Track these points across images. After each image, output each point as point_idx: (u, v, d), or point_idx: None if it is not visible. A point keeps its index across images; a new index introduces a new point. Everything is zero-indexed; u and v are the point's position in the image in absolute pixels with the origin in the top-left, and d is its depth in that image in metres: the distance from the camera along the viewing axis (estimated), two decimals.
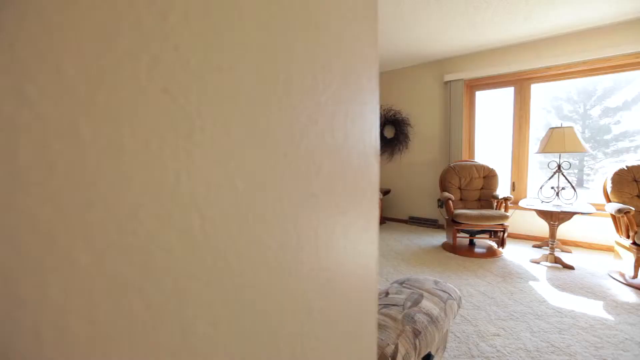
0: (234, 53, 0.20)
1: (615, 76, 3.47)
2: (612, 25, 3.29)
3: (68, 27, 0.14)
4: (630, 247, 2.58)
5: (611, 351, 1.76)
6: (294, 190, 0.25)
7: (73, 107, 0.14)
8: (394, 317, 1.09)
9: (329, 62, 0.27)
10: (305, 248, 0.26)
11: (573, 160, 4.25)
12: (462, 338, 1.92)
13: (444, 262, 3.19)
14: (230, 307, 0.20)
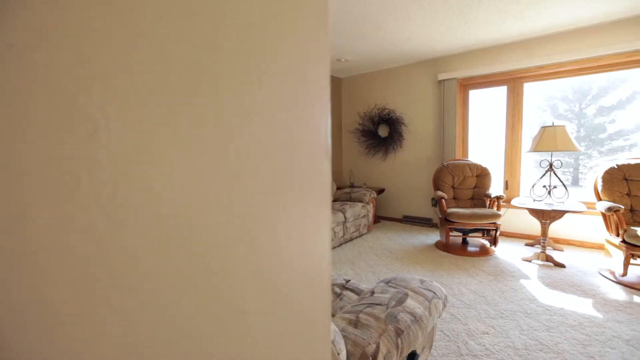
0: (148, 50, 0.20)
1: (610, 75, 3.49)
2: (603, 24, 3.31)
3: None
4: (619, 245, 2.60)
5: (598, 349, 1.77)
6: (224, 192, 0.25)
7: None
8: (377, 316, 1.09)
9: (266, 60, 0.27)
10: (239, 249, 0.26)
11: (569, 159, 4.28)
12: (452, 337, 1.92)
13: (436, 261, 3.20)
14: (145, 310, 0.20)
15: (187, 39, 0.22)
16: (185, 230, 0.22)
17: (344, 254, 3.46)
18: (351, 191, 4.43)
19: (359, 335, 1.00)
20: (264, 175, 0.28)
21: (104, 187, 0.18)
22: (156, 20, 0.20)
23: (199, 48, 0.22)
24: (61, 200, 0.17)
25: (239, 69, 0.25)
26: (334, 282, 1.63)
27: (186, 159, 0.22)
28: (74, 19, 0.17)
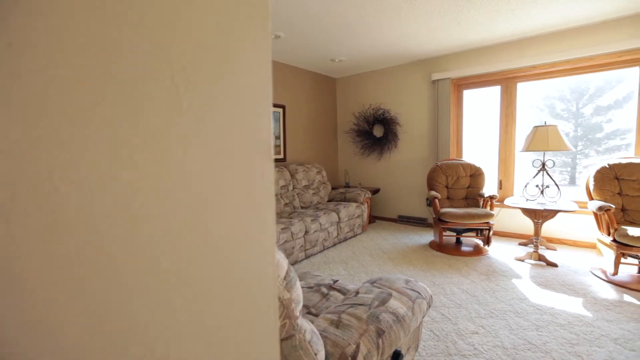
0: (50, 52, 0.20)
1: (606, 75, 3.49)
2: (594, 24, 3.32)
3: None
4: (610, 244, 2.61)
5: (586, 348, 1.78)
6: (142, 197, 0.24)
7: None
8: (358, 316, 1.09)
9: (193, 62, 0.27)
10: (166, 252, 0.26)
11: (566, 159, 4.29)
12: (441, 336, 1.93)
13: (429, 261, 3.20)
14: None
15: (96, 41, 0.22)
16: (90, 231, 0.22)
17: (338, 254, 3.46)
18: (346, 191, 4.43)
19: (340, 336, 1.00)
20: (190, 177, 0.28)
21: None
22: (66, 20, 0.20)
23: (109, 50, 0.22)
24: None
25: (159, 71, 0.25)
26: (321, 282, 1.63)
27: (90, 161, 0.22)
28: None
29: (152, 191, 0.25)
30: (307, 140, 5.01)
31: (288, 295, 0.79)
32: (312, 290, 1.55)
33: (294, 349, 0.81)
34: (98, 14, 0.22)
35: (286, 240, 3.06)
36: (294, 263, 3.21)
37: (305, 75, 4.93)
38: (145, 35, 0.24)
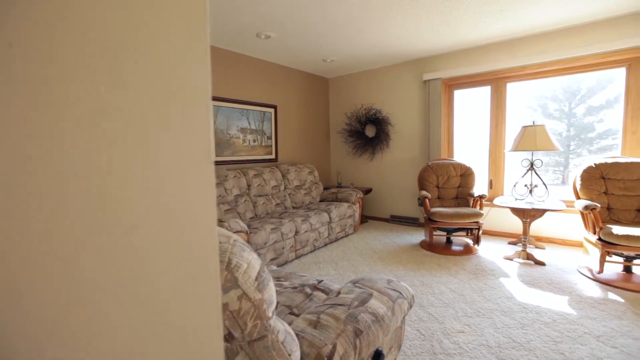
0: None
1: (598, 75, 3.52)
2: (582, 25, 3.36)
3: None
4: (596, 242, 2.64)
5: (569, 345, 1.80)
6: (67, 199, 0.24)
7: None
8: (337, 316, 1.09)
9: (119, 64, 0.26)
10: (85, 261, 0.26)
11: (559, 158, 4.33)
12: (427, 336, 1.93)
13: (419, 260, 3.21)
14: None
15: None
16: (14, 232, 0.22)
17: (328, 255, 3.46)
18: (338, 191, 4.43)
19: (317, 336, 1.00)
20: (116, 185, 0.27)
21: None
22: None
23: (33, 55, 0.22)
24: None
25: (79, 73, 0.25)
26: (306, 282, 1.63)
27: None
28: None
29: (72, 203, 0.25)
30: (299, 140, 5.01)
31: (259, 296, 0.79)
32: (296, 291, 1.55)
33: (266, 349, 0.81)
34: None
35: (276, 241, 3.05)
36: (284, 263, 3.21)
37: (298, 76, 4.93)
38: (60, 27, 0.24)
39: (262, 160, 4.42)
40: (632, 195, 2.84)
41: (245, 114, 4.16)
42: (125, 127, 0.27)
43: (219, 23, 3.11)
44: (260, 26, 3.23)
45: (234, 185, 3.54)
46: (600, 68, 3.42)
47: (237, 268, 0.76)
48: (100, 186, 0.26)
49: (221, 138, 3.89)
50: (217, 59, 3.78)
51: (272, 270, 1.87)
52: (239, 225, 2.74)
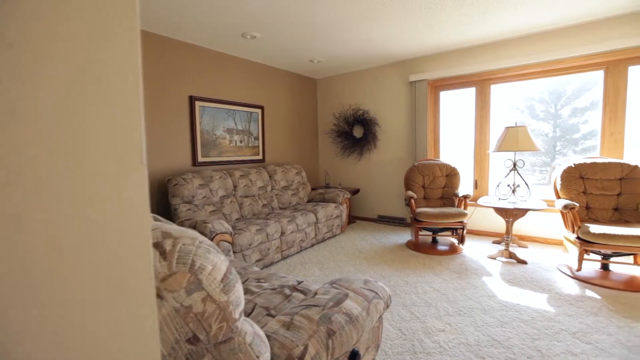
0: None
1: (583, 77, 3.59)
2: (563, 29, 3.43)
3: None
4: (574, 241, 2.69)
5: (546, 342, 1.83)
6: None
7: None
8: (310, 317, 1.09)
9: (34, 60, 0.26)
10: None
11: (545, 159, 4.41)
12: (408, 335, 1.95)
13: (405, 260, 3.24)
14: None
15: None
16: None
17: (315, 255, 3.46)
18: (325, 192, 4.43)
19: (289, 338, 1.00)
20: (27, 190, 0.26)
21: None
22: None
23: None
24: None
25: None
26: (285, 283, 1.63)
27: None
28: None
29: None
30: (287, 141, 5.00)
31: (225, 298, 0.78)
32: (276, 292, 1.54)
33: (232, 352, 0.80)
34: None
35: (261, 242, 3.03)
36: (270, 264, 3.19)
37: (285, 76, 4.91)
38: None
39: (249, 161, 4.39)
40: (609, 194, 2.91)
41: (231, 115, 4.13)
42: (39, 130, 0.27)
43: (203, 23, 3.08)
44: (246, 26, 3.21)
45: (220, 186, 3.51)
46: (580, 71, 3.50)
47: (201, 270, 0.75)
48: (10, 193, 0.25)
49: (207, 139, 3.85)
50: (202, 59, 3.74)
51: (253, 271, 1.86)
52: (222, 227, 2.71)
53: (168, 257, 0.72)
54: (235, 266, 1.95)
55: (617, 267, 2.83)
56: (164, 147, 3.42)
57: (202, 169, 3.80)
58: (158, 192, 3.36)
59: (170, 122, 3.47)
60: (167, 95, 3.43)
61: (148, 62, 3.23)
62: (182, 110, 3.58)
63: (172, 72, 3.45)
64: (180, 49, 3.52)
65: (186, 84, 3.60)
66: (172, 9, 2.79)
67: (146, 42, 3.20)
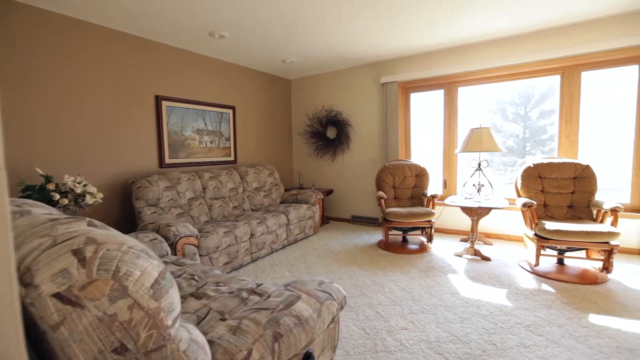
0: None
1: (549, 81, 3.72)
2: (523, 35, 3.58)
3: None
4: (533, 237, 2.81)
5: (501, 336, 1.90)
6: None
7: None
8: (258, 321, 1.07)
9: None
10: None
11: (517, 159, 4.60)
12: (372, 334, 1.96)
13: (375, 260, 3.27)
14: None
15: None
16: None
17: (285, 257, 3.44)
18: (298, 193, 4.42)
19: (233, 343, 0.98)
20: None
21: None
22: None
23: None
24: None
25: None
26: (244, 287, 1.60)
27: None
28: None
29: None
30: (260, 141, 4.95)
31: (155, 305, 0.75)
32: (233, 296, 1.51)
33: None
34: None
35: (229, 244, 2.98)
36: (239, 267, 3.14)
37: (257, 76, 4.86)
38: None
39: (221, 162, 4.31)
40: (564, 192, 3.06)
41: (201, 115, 4.04)
42: None
43: (169, 20, 3.00)
44: (213, 25, 3.15)
45: (188, 188, 3.42)
46: (539, 75, 3.67)
47: (127, 276, 0.72)
48: None
49: (175, 139, 3.75)
50: (169, 58, 3.64)
51: (214, 275, 1.82)
52: (187, 230, 2.64)
53: (88, 264, 0.68)
54: (196, 270, 1.91)
55: (571, 261, 2.98)
56: (128, 149, 3.30)
57: (170, 170, 3.69)
58: (121, 195, 3.24)
59: (136, 123, 3.35)
60: (132, 94, 3.31)
61: (112, 61, 3.11)
62: (148, 111, 3.47)
63: (137, 71, 3.33)
64: (146, 47, 3.41)
65: (152, 83, 3.49)
66: (137, 6, 2.69)
67: (109, 39, 3.08)
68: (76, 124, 2.90)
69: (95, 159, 3.05)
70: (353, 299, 2.43)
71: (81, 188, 2.33)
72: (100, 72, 3.04)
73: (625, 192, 3.32)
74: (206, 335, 1.05)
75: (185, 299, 1.53)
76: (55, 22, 2.73)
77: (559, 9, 2.99)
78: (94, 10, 2.74)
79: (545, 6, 2.91)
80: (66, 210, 2.29)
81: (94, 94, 3.01)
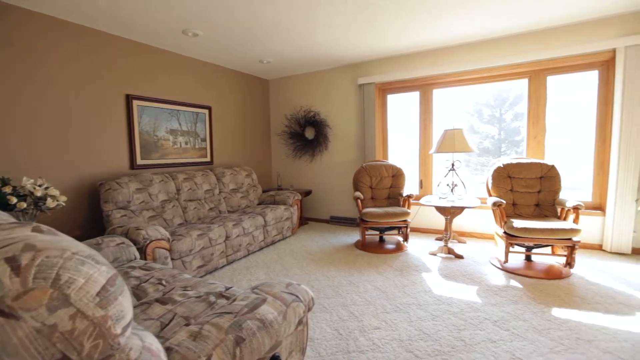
0: None
1: (522, 85, 3.83)
2: (493, 39, 3.70)
3: None
4: (502, 235, 2.91)
5: (470, 332, 1.94)
6: None
7: None
8: (220, 326, 1.05)
9: None
10: None
11: (493, 159, 4.73)
12: (344, 334, 1.97)
13: (351, 260, 3.29)
14: None
15: None
16: None
17: (262, 259, 3.40)
18: (276, 194, 4.38)
19: (192, 349, 0.95)
20: None
21: None
22: None
23: None
24: None
25: None
26: (212, 290, 1.56)
27: None
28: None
29: None
30: (237, 142, 4.87)
31: (101, 313, 0.72)
32: (200, 300, 1.48)
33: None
34: None
35: (203, 247, 2.92)
36: (214, 270, 3.08)
37: (234, 76, 4.79)
38: None
39: (196, 164, 4.22)
40: (531, 192, 3.19)
41: (175, 115, 3.94)
42: None
43: (142, 17, 2.90)
44: (186, 23, 3.08)
45: (161, 190, 3.32)
46: (509, 78, 3.80)
47: (68, 284, 0.68)
48: None
49: (147, 140, 3.63)
50: (141, 56, 3.53)
51: (183, 279, 1.77)
52: (158, 233, 2.56)
53: (22, 272, 0.64)
54: (164, 275, 1.85)
55: (538, 257, 3.10)
56: (96, 150, 3.17)
57: (141, 172, 3.58)
58: (89, 199, 3.10)
59: (105, 123, 3.22)
60: (101, 93, 3.18)
61: (79, 58, 2.97)
62: (118, 110, 3.34)
63: (107, 69, 3.21)
64: (116, 44, 3.29)
65: (123, 82, 3.37)
66: (107, 1, 2.59)
67: (76, 36, 2.94)
68: (39, 124, 2.75)
69: (60, 160, 2.91)
70: (328, 299, 2.43)
71: (42, 191, 2.21)
72: (66, 69, 2.91)
73: (587, 191, 3.49)
74: (166, 342, 1.01)
75: (150, 305, 1.48)
76: (18, 16, 2.59)
77: (528, 16, 3.11)
78: (60, 4, 2.62)
79: (514, 13, 3.02)
80: (25, 214, 2.17)
81: (59, 92, 2.88)
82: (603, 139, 3.35)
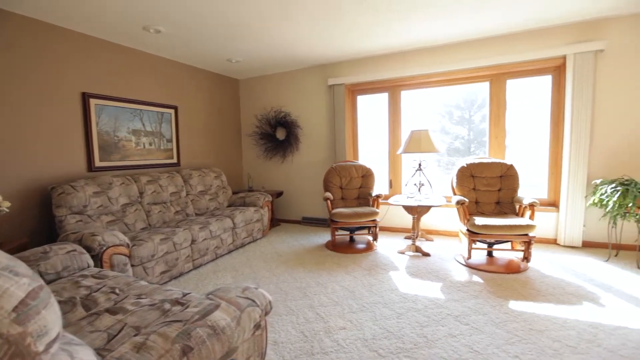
0: None
1: (487, 87, 3.95)
2: (456, 44, 3.83)
3: None
4: (465, 232, 3.01)
5: (432, 328, 1.99)
6: None
7: None
8: (167, 335, 1.00)
9: None
10: None
11: (463, 159, 4.87)
12: (310, 336, 1.95)
13: (321, 261, 3.28)
14: None
15: None
16: None
17: (231, 262, 3.32)
18: (246, 195, 4.30)
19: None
20: None
21: None
22: None
23: None
24: None
25: None
26: (168, 297, 1.50)
27: None
28: None
29: None
30: (206, 143, 4.75)
31: (19, 330, 0.66)
32: (154, 308, 1.41)
33: None
34: None
35: (167, 252, 2.80)
36: (179, 275, 2.97)
37: (202, 75, 4.67)
38: None
39: (162, 165, 4.06)
40: (492, 190, 3.32)
41: (138, 115, 3.77)
42: None
43: (98, 10, 2.75)
44: (147, 19, 2.95)
45: (122, 194, 3.17)
46: (472, 81, 3.95)
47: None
48: None
49: (106, 140, 3.45)
50: (98, 52, 3.35)
51: (138, 286, 1.69)
52: (116, 239, 2.43)
53: None
54: (118, 283, 1.75)
55: (499, 253, 3.24)
56: (48, 151, 2.97)
57: (100, 174, 3.39)
58: (40, 204, 2.90)
59: (57, 123, 3.02)
60: (53, 91, 2.98)
61: (30, 53, 2.77)
62: (73, 109, 3.15)
63: (60, 65, 3.01)
64: (72, 40, 3.09)
65: (78, 79, 3.18)
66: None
67: (26, 29, 2.74)
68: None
69: (4, 161, 2.69)
70: (295, 301, 2.40)
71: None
72: (13, 65, 2.70)
73: (543, 189, 3.69)
74: (107, 356, 0.95)
75: (98, 316, 1.39)
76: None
77: (487, 22, 3.23)
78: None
79: (475, 19, 3.13)
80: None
81: (5, 90, 2.66)
82: (556, 140, 3.55)
